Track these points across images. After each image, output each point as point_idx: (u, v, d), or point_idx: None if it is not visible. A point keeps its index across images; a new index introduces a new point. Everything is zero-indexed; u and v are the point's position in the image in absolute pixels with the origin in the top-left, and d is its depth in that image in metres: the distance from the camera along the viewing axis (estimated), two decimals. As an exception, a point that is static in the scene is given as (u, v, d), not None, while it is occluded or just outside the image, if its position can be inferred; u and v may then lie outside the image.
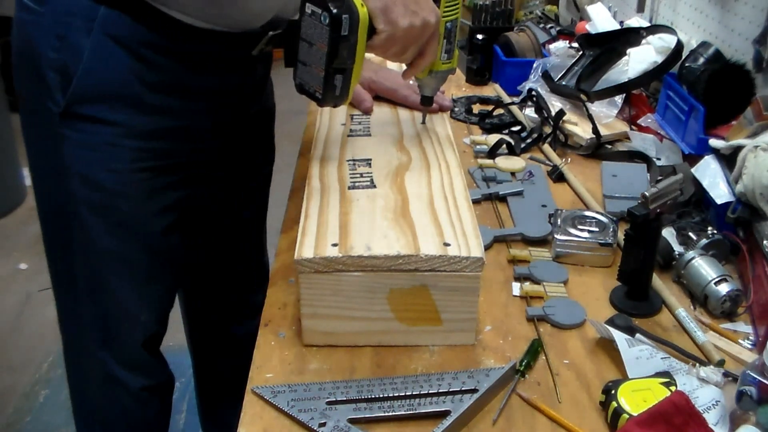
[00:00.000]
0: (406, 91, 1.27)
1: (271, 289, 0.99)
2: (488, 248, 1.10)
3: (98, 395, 1.21)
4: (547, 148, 1.42)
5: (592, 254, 1.06)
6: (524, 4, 2.32)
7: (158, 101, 1.01)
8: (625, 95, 1.54)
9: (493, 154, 1.38)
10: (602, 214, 1.13)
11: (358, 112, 1.25)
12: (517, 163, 1.35)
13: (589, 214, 1.12)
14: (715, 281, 0.96)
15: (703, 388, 0.81)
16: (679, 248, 1.06)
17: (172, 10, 0.96)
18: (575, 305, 0.97)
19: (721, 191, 1.11)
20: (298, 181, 1.28)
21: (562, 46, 1.78)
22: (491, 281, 1.02)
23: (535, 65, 1.67)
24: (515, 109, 1.58)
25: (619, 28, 1.72)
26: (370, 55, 1.44)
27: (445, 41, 1.06)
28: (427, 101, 1.14)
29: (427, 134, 1.14)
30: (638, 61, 1.52)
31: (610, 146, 1.44)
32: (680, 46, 1.43)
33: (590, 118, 1.43)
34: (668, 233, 1.09)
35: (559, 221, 1.10)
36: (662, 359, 0.84)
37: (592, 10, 1.79)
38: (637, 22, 1.68)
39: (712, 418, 0.76)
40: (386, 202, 0.94)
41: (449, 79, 1.15)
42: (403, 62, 1.06)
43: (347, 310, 0.86)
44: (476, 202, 1.23)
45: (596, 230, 1.08)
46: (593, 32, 1.72)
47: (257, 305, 0.96)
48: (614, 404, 0.77)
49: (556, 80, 1.60)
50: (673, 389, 0.78)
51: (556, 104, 1.53)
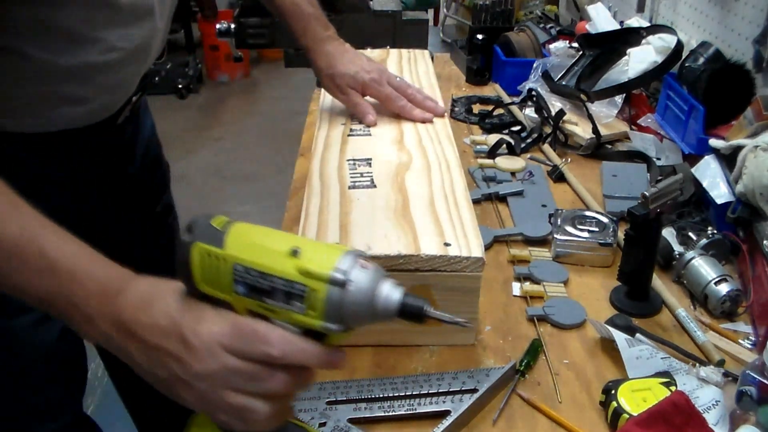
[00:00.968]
0: (401, 102, 1.20)
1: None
2: (488, 248, 1.10)
3: None
4: (547, 148, 1.42)
5: (592, 254, 1.06)
6: (524, 4, 2.32)
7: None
8: (625, 95, 1.54)
9: (493, 154, 1.38)
10: (602, 214, 1.13)
11: None
12: (517, 163, 1.35)
13: (589, 214, 1.12)
14: (715, 281, 0.96)
15: (703, 388, 0.81)
16: (679, 248, 1.06)
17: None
18: (575, 305, 0.97)
19: (721, 191, 1.11)
20: (298, 181, 1.28)
21: (562, 46, 1.78)
22: (491, 281, 1.02)
23: (535, 65, 1.66)
24: (515, 109, 1.58)
25: (619, 28, 1.72)
26: (373, 53, 1.44)
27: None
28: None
29: (427, 134, 1.14)
30: (638, 61, 1.52)
31: (610, 146, 1.44)
32: (680, 46, 1.43)
33: (590, 118, 1.43)
34: (668, 233, 1.09)
35: (559, 221, 1.10)
36: (662, 359, 0.84)
37: (592, 10, 1.79)
38: (637, 22, 1.68)
39: (712, 418, 0.76)
40: (387, 201, 0.94)
41: (449, 78, 1.14)
42: None
43: None
44: (476, 202, 1.23)
45: (596, 230, 1.08)
46: (593, 32, 1.72)
47: None
48: (614, 404, 0.77)
49: (556, 80, 1.60)
50: (673, 389, 0.78)
51: (556, 104, 1.53)
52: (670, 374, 0.81)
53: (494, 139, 1.41)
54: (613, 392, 0.78)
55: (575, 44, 1.70)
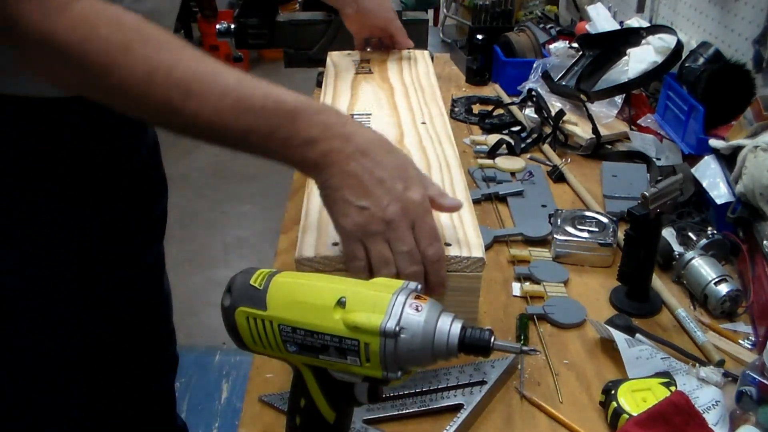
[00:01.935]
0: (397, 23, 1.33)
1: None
2: (488, 248, 1.10)
3: None
4: (547, 148, 1.42)
5: (592, 254, 1.06)
6: (524, 4, 2.32)
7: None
8: (625, 95, 1.54)
9: (493, 154, 1.38)
10: (602, 214, 1.13)
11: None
12: (517, 163, 1.35)
13: (589, 214, 1.12)
14: (715, 281, 0.96)
15: (703, 388, 0.81)
16: (679, 248, 1.06)
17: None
18: (575, 305, 0.97)
19: (721, 191, 1.11)
20: (298, 181, 1.28)
21: (562, 46, 1.78)
22: (491, 281, 1.02)
23: (535, 65, 1.67)
24: (515, 109, 1.58)
25: (619, 28, 1.72)
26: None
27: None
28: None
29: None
30: (638, 61, 1.52)
31: (610, 146, 1.44)
32: (680, 46, 1.44)
33: (590, 118, 1.43)
34: (668, 233, 1.09)
35: (559, 221, 1.10)
36: (662, 359, 0.84)
37: (592, 10, 1.79)
38: (637, 22, 1.68)
39: (712, 418, 0.76)
40: None
41: (449, 78, 1.15)
42: None
43: None
44: (476, 202, 1.23)
45: (596, 230, 1.08)
46: (593, 32, 1.72)
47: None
48: (614, 404, 0.77)
49: (556, 80, 1.60)
50: (673, 389, 0.78)
51: (556, 104, 1.53)
52: (670, 374, 0.81)
53: (494, 139, 1.41)
54: (613, 392, 0.78)
55: (575, 44, 1.70)
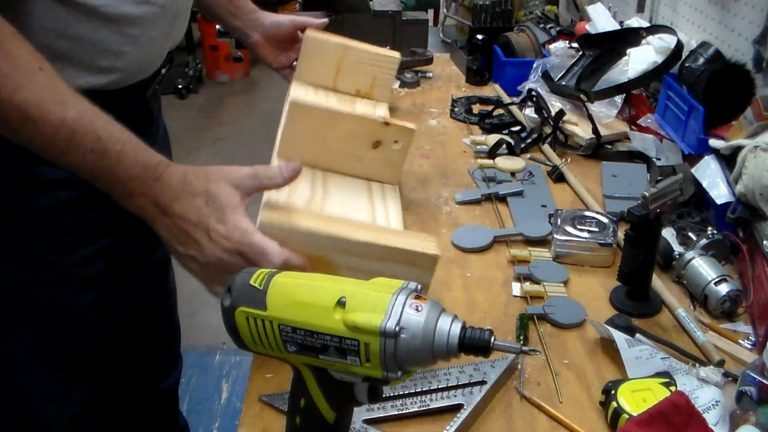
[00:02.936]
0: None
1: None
2: (488, 248, 1.10)
3: None
4: (547, 148, 1.42)
5: (592, 254, 1.06)
6: (524, 4, 2.33)
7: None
8: (625, 95, 1.54)
9: (493, 154, 1.38)
10: (602, 214, 1.13)
11: None
12: (517, 163, 1.35)
13: (589, 214, 1.12)
14: (715, 281, 0.96)
15: (703, 388, 0.81)
16: (679, 248, 1.06)
17: None
18: (575, 305, 0.97)
19: (721, 191, 1.11)
20: (298, 181, 1.28)
21: (562, 46, 1.78)
22: (491, 281, 1.02)
23: (535, 65, 1.67)
24: (515, 109, 1.58)
25: (619, 28, 1.72)
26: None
27: None
28: None
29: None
30: (638, 61, 1.52)
31: (610, 146, 1.44)
32: (680, 46, 1.43)
33: (590, 118, 1.43)
34: (668, 233, 1.09)
35: (559, 221, 1.10)
36: (662, 359, 0.84)
37: (592, 10, 1.79)
38: (637, 22, 1.68)
39: (712, 418, 0.76)
40: None
41: (449, 78, 1.13)
42: None
43: None
44: (476, 202, 1.23)
45: (596, 230, 1.08)
46: (593, 32, 1.72)
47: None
48: (614, 404, 0.77)
49: (556, 80, 1.60)
50: (673, 389, 0.78)
51: (556, 104, 1.53)
52: (670, 374, 0.81)
53: (494, 139, 1.41)
54: (613, 392, 0.78)
55: (575, 44, 1.70)
